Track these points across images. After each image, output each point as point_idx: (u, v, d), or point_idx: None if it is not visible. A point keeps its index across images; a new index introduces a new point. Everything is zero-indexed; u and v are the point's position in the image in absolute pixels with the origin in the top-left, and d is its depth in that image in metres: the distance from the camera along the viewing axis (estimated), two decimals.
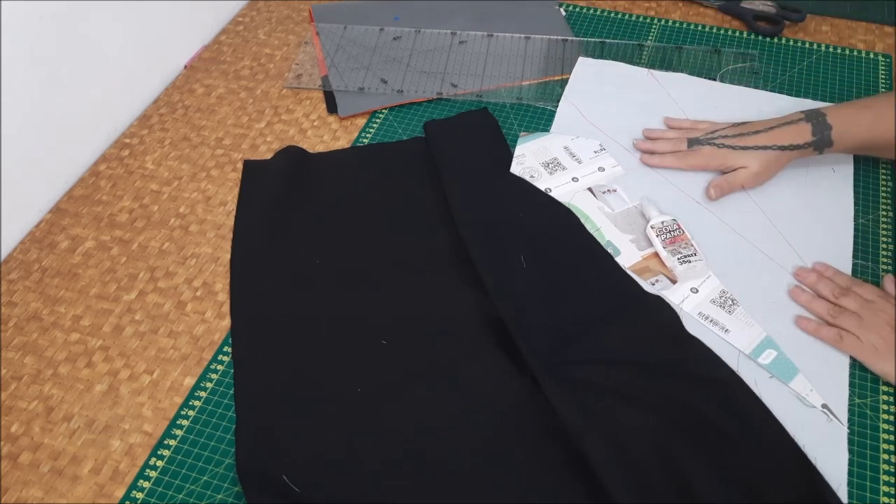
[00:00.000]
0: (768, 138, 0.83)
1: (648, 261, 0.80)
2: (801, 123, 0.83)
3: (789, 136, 0.83)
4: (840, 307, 0.74)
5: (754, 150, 0.83)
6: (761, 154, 0.83)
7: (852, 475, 0.64)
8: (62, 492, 0.64)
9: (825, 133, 0.82)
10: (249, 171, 0.90)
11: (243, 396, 0.70)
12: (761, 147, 0.83)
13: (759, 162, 0.83)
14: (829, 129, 0.81)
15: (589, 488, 0.62)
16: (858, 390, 0.70)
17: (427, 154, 0.90)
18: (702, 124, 0.90)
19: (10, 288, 0.79)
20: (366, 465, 0.64)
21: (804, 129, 0.82)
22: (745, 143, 0.84)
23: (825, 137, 0.82)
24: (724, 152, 0.85)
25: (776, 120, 0.85)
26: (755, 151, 0.83)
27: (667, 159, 0.88)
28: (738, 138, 0.85)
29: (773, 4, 1.10)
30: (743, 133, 0.85)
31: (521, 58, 1.03)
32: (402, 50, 1.04)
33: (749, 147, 0.84)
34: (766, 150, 0.83)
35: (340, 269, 0.79)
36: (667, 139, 0.90)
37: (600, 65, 1.02)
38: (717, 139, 0.86)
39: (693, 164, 0.87)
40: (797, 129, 0.83)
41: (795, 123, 0.83)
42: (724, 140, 0.85)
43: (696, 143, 0.87)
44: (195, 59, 1.06)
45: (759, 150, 0.83)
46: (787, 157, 0.83)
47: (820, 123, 0.82)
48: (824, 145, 0.82)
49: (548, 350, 0.71)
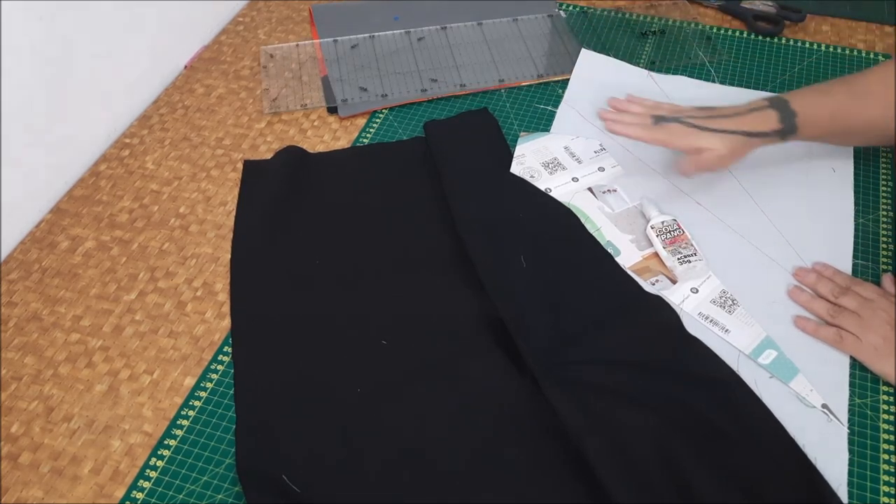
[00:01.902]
0: (735, 123, 0.81)
1: (648, 261, 0.80)
2: (768, 111, 0.81)
3: (756, 123, 0.81)
4: (839, 307, 0.74)
5: (721, 132, 0.81)
6: (728, 138, 0.81)
7: (852, 475, 0.64)
8: (62, 492, 0.64)
9: (791, 120, 0.81)
10: (249, 171, 0.90)
11: (243, 396, 0.70)
12: (729, 131, 0.81)
13: (726, 145, 0.81)
14: (794, 115, 0.81)
15: (589, 488, 0.62)
16: (858, 390, 0.70)
17: (427, 154, 0.90)
18: (665, 105, 0.89)
19: (10, 288, 0.79)
20: (366, 465, 0.64)
21: (771, 117, 0.81)
22: (712, 125, 0.82)
23: (790, 125, 0.81)
24: (690, 131, 0.82)
25: (742, 107, 0.83)
26: (722, 134, 0.81)
27: (632, 129, 0.85)
28: (705, 120, 0.83)
29: (774, 4, 1.10)
30: (711, 116, 0.83)
31: (521, 58, 1.04)
32: (366, 57, 1.03)
33: (716, 130, 0.81)
34: (733, 135, 0.81)
35: (340, 269, 0.79)
36: (633, 113, 0.88)
37: (602, 59, 1.02)
38: (684, 118, 0.84)
39: (658, 138, 0.84)
40: (763, 116, 0.81)
41: (762, 110, 0.82)
42: (691, 120, 0.83)
43: (663, 120, 0.85)
44: (195, 59, 1.06)
45: (727, 134, 0.81)
46: (752, 144, 0.82)
47: (785, 111, 0.81)
48: (789, 133, 0.81)
49: (548, 350, 0.71)
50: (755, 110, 0.82)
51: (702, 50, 1.05)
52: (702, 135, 0.81)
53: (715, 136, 0.81)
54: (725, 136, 0.81)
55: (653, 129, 0.84)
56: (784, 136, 0.81)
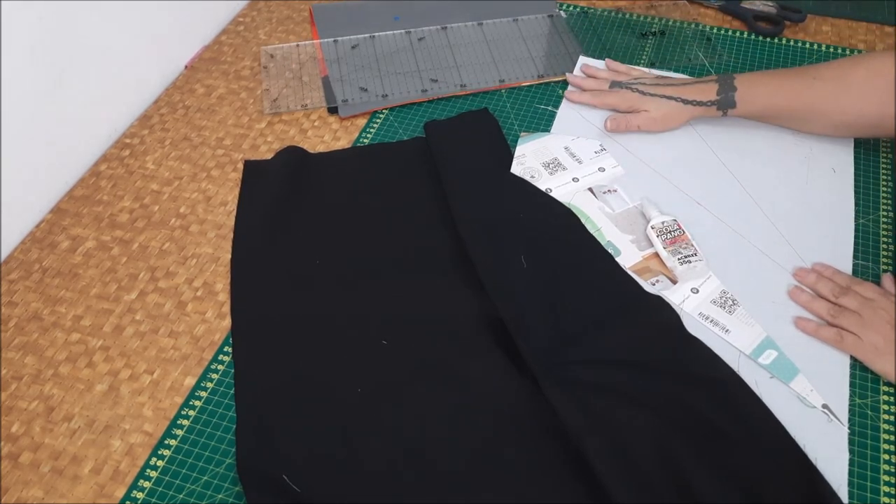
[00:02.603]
0: (676, 91, 0.90)
1: (649, 261, 0.80)
2: (710, 84, 0.89)
3: (695, 93, 0.89)
4: (840, 307, 0.74)
5: (660, 98, 0.90)
6: (664, 103, 0.90)
7: (852, 475, 0.64)
8: (62, 492, 0.64)
9: (729, 94, 0.87)
10: (250, 172, 0.90)
11: (243, 396, 0.70)
12: (667, 97, 0.89)
13: (661, 109, 0.90)
14: (734, 90, 0.87)
15: (589, 488, 0.62)
16: (859, 390, 0.70)
17: (427, 154, 0.90)
18: (634, 71, 0.98)
19: (10, 288, 0.79)
20: (366, 466, 0.64)
21: (710, 89, 0.88)
22: (654, 91, 0.90)
23: (728, 98, 0.87)
24: (634, 96, 0.91)
25: (692, 79, 0.92)
26: (660, 99, 0.90)
27: (584, 96, 0.95)
28: (651, 87, 0.91)
29: (774, 4, 1.10)
30: (659, 84, 0.91)
31: (521, 58, 1.04)
32: (366, 57, 1.03)
33: (656, 95, 0.90)
34: (669, 100, 0.89)
35: (341, 269, 0.79)
36: (595, 79, 0.97)
37: (601, 64, 1.02)
38: (634, 84, 0.92)
39: (606, 103, 0.94)
40: (704, 88, 0.89)
41: (705, 83, 0.89)
42: (639, 86, 0.92)
43: (617, 86, 0.94)
44: (195, 59, 1.06)
45: (664, 99, 0.90)
46: (690, 112, 0.90)
47: (726, 85, 0.88)
48: (727, 105, 0.88)
49: (548, 350, 0.71)
50: (700, 82, 0.90)
51: (702, 50, 1.05)
52: (644, 99, 0.91)
53: (653, 100, 0.90)
54: (662, 101, 0.90)
55: (603, 95, 0.94)
56: (722, 109, 0.88)
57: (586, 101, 0.95)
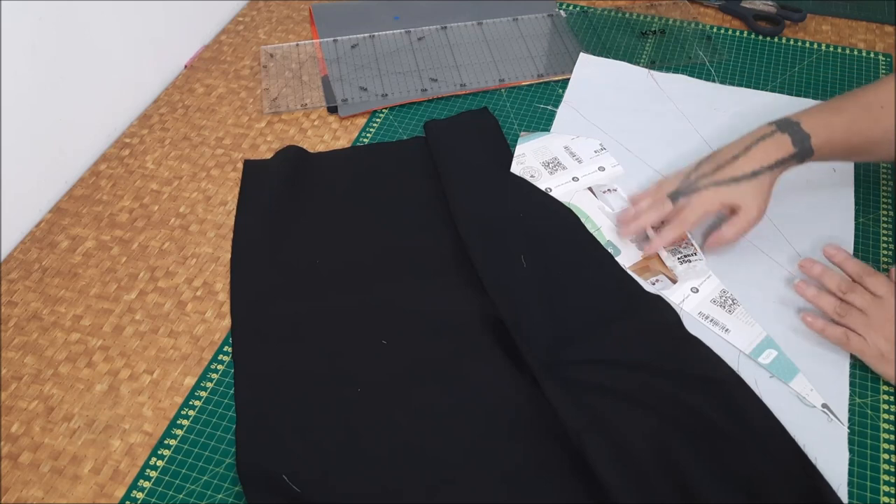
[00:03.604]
0: (752, 161, 0.75)
1: (648, 261, 0.80)
2: (778, 135, 0.76)
3: (773, 152, 0.75)
4: (847, 304, 0.71)
5: (744, 179, 0.75)
6: (755, 183, 0.75)
7: (852, 475, 0.64)
8: (62, 492, 0.64)
9: (805, 143, 0.75)
10: (250, 171, 0.90)
11: (243, 396, 0.70)
12: (750, 174, 0.75)
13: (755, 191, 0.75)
14: (808, 138, 0.75)
15: (589, 488, 0.62)
16: (859, 390, 0.70)
17: (427, 154, 0.90)
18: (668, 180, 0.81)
19: (10, 288, 0.79)
20: (366, 465, 0.64)
21: (784, 141, 0.75)
22: (730, 174, 0.76)
23: (806, 147, 0.75)
24: (714, 192, 0.76)
25: (747, 140, 0.77)
26: (747, 183, 0.75)
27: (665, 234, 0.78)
28: (718, 172, 0.76)
29: (774, 4, 1.10)
30: (720, 165, 0.76)
31: (521, 58, 1.04)
32: (366, 56, 1.03)
33: (739, 177, 0.75)
34: (756, 177, 0.75)
35: (340, 269, 0.79)
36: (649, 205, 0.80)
37: (601, 62, 1.02)
38: (697, 183, 0.77)
39: (693, 222, 0.77)
40: (777, 143, 0.75)
41: (771, 137, 0.76)
42: (706, 180, 0.77)
43: (680, 195, 0.78)
44: (195, 59, 1.06)
45: (751, 179, 0.75)
46: (776, 175, 0.76)
47: (797, 132, 0.75)
48: (805, 155, 0.76)
49: (547, 350, 0.71)
50: (764, 138, 0.76)
51: (702, 50, 1.05)
52: (728, 190, 0.75)
53: (740, 185, 0.75)
54: (752, 183, 0.75)
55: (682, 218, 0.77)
56: (801, 160, 0.76)
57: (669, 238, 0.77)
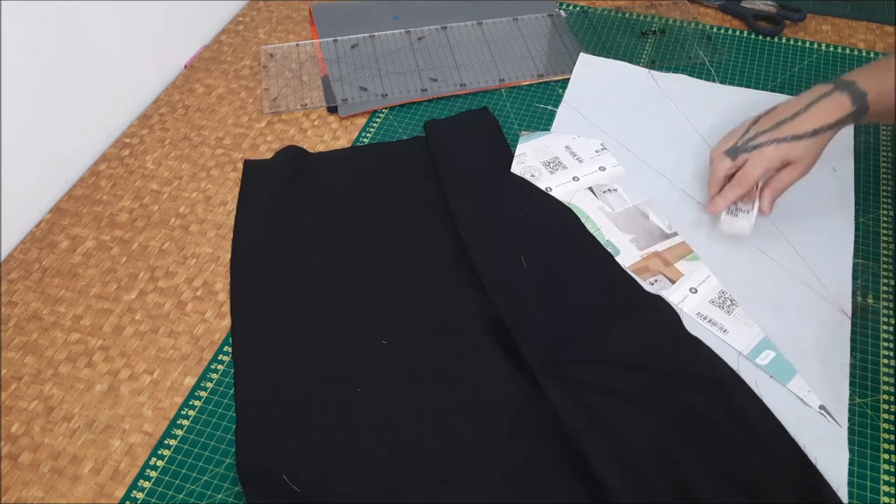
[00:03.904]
0: (813, 120, 0.75)
1: (648, 260, 0.80)
2: (837, 94, 0.75)
3: (833, 111, 0.75)
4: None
5: (805, 137, 0.75)
6: (815, 140, 0.75)
7: (852, 475, 0.64)
8: (62, 492, 0.64)
9: (864, 101, 0.75)
10: (250, 171, 0.90)
11: (243, 396, 0.70)
12: (811, 132, 0.75)
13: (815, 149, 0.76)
14: (865, 95, 0.75)
15: (589, 488, 0.62)
16: (859, 390, 0.70)
17: (427, 154, 0.90)
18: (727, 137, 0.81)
19: (10, 288, 0.79)
20: (366, 465, 0.64)
21: (843, 100, 0.75)
22: (791, 131, 0.76)
23: (864, 105, 0.75)
24: (775, 149, 0.76)
25: (805, 98, 0.77)
26: (808, 140, 0.75)
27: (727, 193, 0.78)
28: (778, 129, 0.76)
29: (774, 4, 1.10)
30: (780, 122, 0.77)
31: (521, 58, 1.03)
32: (366, 56, 1.03)
33: (801, 135, 0.75)
34: (816, 135, 0.75)
35: (340, 269, 0.79)
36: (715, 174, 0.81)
37: (601, 62, 1.02)
38: (757, 139, 0.77)
39: (754, 179, 0.77)
40: (837, 102, 0.75)
41: (830, 96, 0.76)
42: (765, 136, 0.77)
43: (739, 152, 0.78)
44: (195, 59, 1.06)
45: (811, 137, 0.75)
46: (833, 134, 0.76)
47: (855, 90, 0.75)
48: (861, 114, 0.76)
49: (547, 350, 0.71)
50: (823, 97, 0.76)
51: (702, 49, 1.05)
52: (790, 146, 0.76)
53: (801, 143, 0.75)
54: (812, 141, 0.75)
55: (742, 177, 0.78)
56: (857, 118, 0.77)
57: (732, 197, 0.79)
